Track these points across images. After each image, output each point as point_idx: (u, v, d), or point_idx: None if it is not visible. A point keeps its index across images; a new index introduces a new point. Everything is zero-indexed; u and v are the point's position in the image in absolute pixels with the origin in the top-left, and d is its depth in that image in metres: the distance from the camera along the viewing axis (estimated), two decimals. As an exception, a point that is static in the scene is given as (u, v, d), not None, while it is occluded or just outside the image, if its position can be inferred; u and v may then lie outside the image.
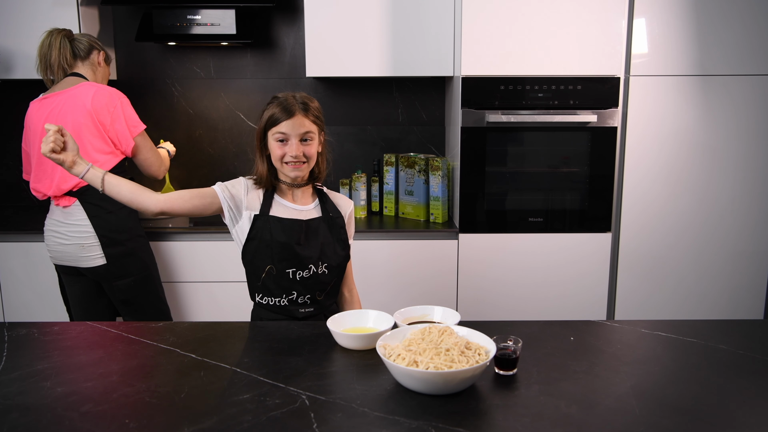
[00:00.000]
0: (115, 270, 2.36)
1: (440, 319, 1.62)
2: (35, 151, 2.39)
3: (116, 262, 2.35)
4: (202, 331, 1.61)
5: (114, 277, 2.36)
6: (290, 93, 1.73)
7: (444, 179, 2.81)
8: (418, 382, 1.23)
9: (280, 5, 3.10)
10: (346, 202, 1.86)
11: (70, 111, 2.29)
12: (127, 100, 2.38)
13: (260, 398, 1.25)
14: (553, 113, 2.57)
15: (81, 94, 2.30)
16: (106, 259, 2.34)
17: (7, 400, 1.25)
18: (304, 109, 1.68)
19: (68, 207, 2.33)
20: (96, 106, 2.28)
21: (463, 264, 2.67)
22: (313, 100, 1.75)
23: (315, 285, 1.76)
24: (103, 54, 2.48)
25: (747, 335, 1.57)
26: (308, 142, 1.70)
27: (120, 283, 2.37)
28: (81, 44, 2.42)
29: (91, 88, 2.31)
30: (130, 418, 1.18)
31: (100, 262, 2.34)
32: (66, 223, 2.34)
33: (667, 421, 1.17)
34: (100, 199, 2.30)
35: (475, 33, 2.54)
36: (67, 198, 2.33)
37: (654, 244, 2.70)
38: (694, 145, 2.63)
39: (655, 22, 2.55)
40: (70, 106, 2.29)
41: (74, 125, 2.27)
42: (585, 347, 1.51)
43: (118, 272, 2.36)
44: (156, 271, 2.51)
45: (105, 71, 2.52)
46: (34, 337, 1.56)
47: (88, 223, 2.31)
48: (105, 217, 2.32)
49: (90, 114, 2.28)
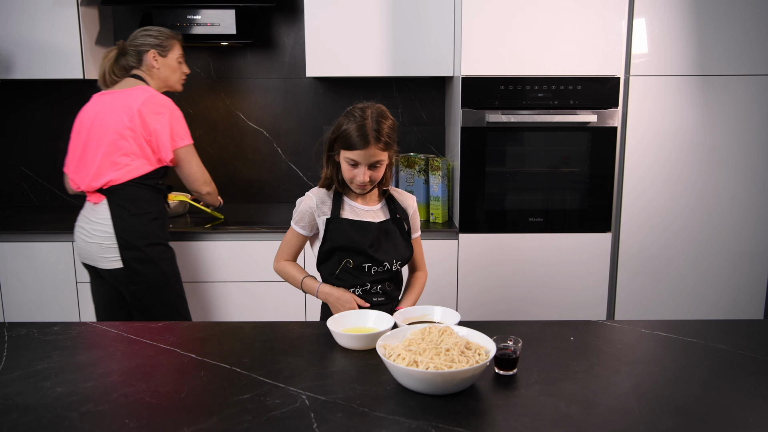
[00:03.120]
0: (131, 275, 2.28)
1: (440, 319, 1.62)
2: (81, 142, 2.31)
3: (132, 267, 2.28)
4: (202, 331, 1.61)
5: (129, 282, 2.29)
6: (368, 110, 1.71)
7: (444, 179, 2.81)
8: (418, 382, 1.23)
9: (280, 5, 3.10)
10: (409, 200, 1.93)
11: (116, 110, 2.24)
12: (179, 112, 2.31)
13: (260, 398, 1.25)
14: (553, 113, 2.57)
15: (132, 97, 2.25)
16: (123, 263, 2.27)
17: (7, 400, 1.25)
18: (377, 139, 1.69)
19: (97, 204, 2.29)
20: (142, 111, 2.22)
21: (463, 264, 2.67)
22: (387, 118, 1.73)
23: (387, 278, 1.86)
24: (154, 52, 2.35)
25: (747, 335, 1.57)
26: (377, 168, 1.75)
27: (134, 288, 2.29)
28: (130, 56, 2.37)
29: (144, 93, 2.26)
30: (130, 418, 1.18)
31: (117, 265, 2.28)
32: (91, 220, 2.29)
33: (667, 421, 1.17)
34: (126, 201, 2.26)
35: (475, 33, 2.54)
36: (97, 195, 2.29)
37: (654, 244, 2.70)
38: (694, 145, 2.63)
39: (655, 22, 2.55)
40: (118, 106, 2.25)
41: (117, 125, 2.23)
42: (585, 347, 1.51)
43: (134, 278, 2.28)
44: (176, 282, 2.40)
45: (165, 68, 2.40)
46: (34, 337, 1.56)
47: (110, 224, 2.26)
48: (127, 219, 2.26)
49: (134, 117, 2.22)
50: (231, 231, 2.71)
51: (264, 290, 2.73)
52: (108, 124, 2.25)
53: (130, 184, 2.26)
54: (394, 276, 1.88)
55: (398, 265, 1.85)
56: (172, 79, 2.44)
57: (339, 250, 1.81)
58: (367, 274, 1.83)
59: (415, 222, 1.93)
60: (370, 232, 1.80)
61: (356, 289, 1.84)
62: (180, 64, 2.45)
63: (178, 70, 2.45)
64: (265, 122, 3.22)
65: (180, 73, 2.46)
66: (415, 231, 1.93)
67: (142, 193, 2.28)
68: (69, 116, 3.20)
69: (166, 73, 2.41)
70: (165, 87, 2.44)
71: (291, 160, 3.24)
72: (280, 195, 3.27)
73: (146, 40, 2.36)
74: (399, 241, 1.86)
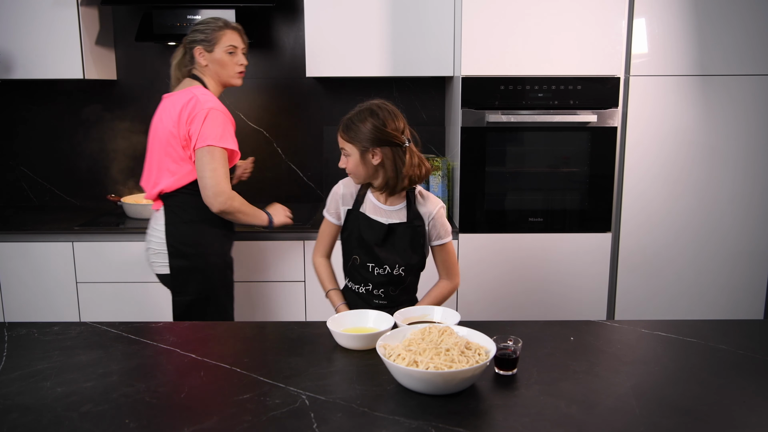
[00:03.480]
0: (177, 284, 2.20)
1: (440, 319, 1.62)
2: (148, 149, 2.25)
3: (178, 276, 2.19)
4: (202, 331, 1.61)
5: (174, 290, 2.22)
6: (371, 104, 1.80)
7: (444, 179, 2.81)
8: (418, 382, 1.23)
9: (280, 5, 3.10)
10: (431, 206, 1.87)
11: (167, 115, 2.16)
12: (219, 114, 2.11)
13: (260, 398, 1.25)
14: (553, 113, 2.57)
15: (179, 100, 2.14)
16: (170, 270, 2.20)
17: (7, 400, 1.25)
18: (342, 127, 1.80)
19: (157, 211, 2.24)
20: (182, 114, 2.10)
21: (463, 264, 2.67)
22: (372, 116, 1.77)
23: (389, 282, 1.86)
24: (200, 48, 2.19)
25: (747, 335, 1.57)
26: (347, 158, 1.81)
27: (178, 299, 2.21)
28: (187, 55, 2.24)
29: (188, 95, 2.13)
30: (130, 418, 1.18)
31: (165, 271, 2.22)
32: (152, 226, 2.26)
33: (667, 421, 1.17)
34: (179, 208, 2.18)
35: (475, 33, 2.54)
36: (158, 201, 2.24)
37: (654, 244, 2.70)
38: (694, 145, 2.63)
39: (655, 22, 2.55)
40: (169, 110, 2.16)
41: (165, 131, 2.15)
42: (585, 347, 1.51)
43: (179, 287, 2.20)
44: (225, 295, 2.26)
45: (213, 63, 2.21)
46: (34, 337, 1.56)
47: (164, 230, 2.20)
48: (179, 225, 2.17)
49: (176, 122, 2.12)
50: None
51: (264, 290, 2.74)
52: (159, 130, 2.18)
53: (183, 191, 2.17)
54: (397, 281, 1.85)
55: (401, 271, 1.83)
56: (224, 75, 2.24)
57: (351, 243, 1.85)
58: (371, 275, 1.85)
59: (437, 229, 1.86)
60: (377, 231, 1.82)
61: (360, 287, 1.86)
62: (231, 56, 2.22)
63: (228, 64, 2.22)
64: (265, 122, 3.22)
65: (232, 67, 2.23)
66: (438, 238, 1.87)
67: (196, 201, 2.15)
68: (69, 116, 3.22)
69: (216, 69, 2.22)
70: (221, 84, 2.27)
71: (291, 160, 3.24)
72: (280, 195, 3.27)
73: (194, 36, 2.21)
74: (406, 246, 1.83)
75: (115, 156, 3.23)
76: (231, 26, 2.23)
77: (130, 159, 3.23)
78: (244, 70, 2.28)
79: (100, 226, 2.72)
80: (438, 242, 1.88)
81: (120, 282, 2.72)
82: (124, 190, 3.22)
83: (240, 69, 2.26)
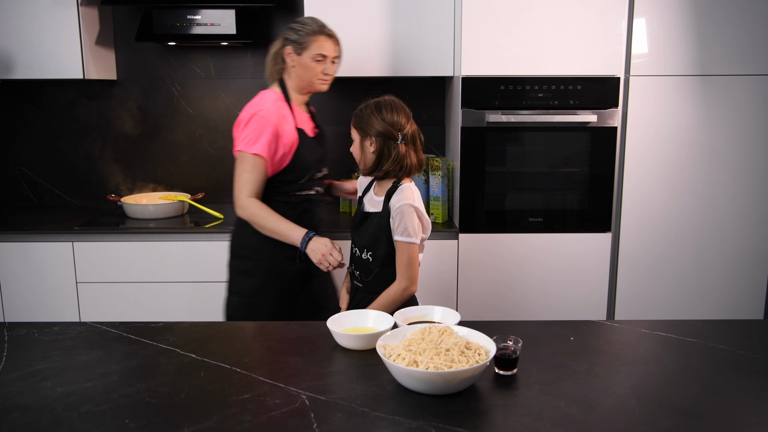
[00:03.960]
0: (230, 284, 2.20)
1: (440, 319, 1.62)
2: None
3: (232, 276, 2.20)
4: (202, 331, 1.61)
5: (228, 289, 2.22)
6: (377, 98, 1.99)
7: (444, 179, 2.81)
8: (418, 382, 1.23)
9: (280, 5, 3.10)
10: (396, 201, 1.90)
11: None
12: (262, 120, 2.05)
13: (260, 398, 1.25)
14: (553, 113, 2.57)
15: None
16: (228, 268, 2.22)
17: (7, 400, 1.25)
18: (353, 116, 1.97)
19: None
20: (239, 118, 2.10)
21: (463, 264, 2.67)
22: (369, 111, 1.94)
23: (360, 266, 1.99)
24: (290, 48, 2.12)
25: (747, 335, 1.57)
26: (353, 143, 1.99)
27: (228, 299, 2.21)
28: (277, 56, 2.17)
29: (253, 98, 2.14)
30: (130, 418, 1.18)
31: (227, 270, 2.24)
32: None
33: (667, 421, 1.17)
34: None
35: (475, 33, 2.54)
36: None
37: (654, 244, 2.70)
38: (694, 145, 2.63)
39: (655, 22, 2.55)
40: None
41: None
42: (585, 347, 1.51)
43: (231, 287, 2.20)
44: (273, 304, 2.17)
45: (299, 66, 2.13)
46: (34, 337, 1.56)
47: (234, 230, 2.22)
48: (244, 226, 2.13)
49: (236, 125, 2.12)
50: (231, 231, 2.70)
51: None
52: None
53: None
54: (365, 267, 1.97)
55: (369, 256, 1.95)
56: (306, 78, 2.15)
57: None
58: (353, 255, 2.03)
59: (395, 223, 1.88)
60: (357, 216, 2.03)
61: (351, 266, 2.05)
62: (318, 63, 2.12)
63: (312, 70, 2.13)
64: (265, 122, 3.22)
65: (316, 73, 2.14)
66: (395, 233, 1.89)
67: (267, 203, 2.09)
68: (69, 116, 3.22)
69: (300, 73, 2.14)
70: (301, 88, 2.18)
71: (291, 160, 3.24)
72: (280, 195, 3.27)
73: (287, 35, 2.14)
74: (373, 234, 1.93)
75: (115, 156, 3.23)
76: (325, 32, 2.14)
77: (130, 159, 3.23)
78: (330, 78, 2.19)
79: (100, 226, 2.72)
80: (395, 237, 1.89)
81: (120, 282, 2.72)
82: (124, 190, 3.22)
83: (324, 77, 2.17)
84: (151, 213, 2.85)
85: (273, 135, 2.06)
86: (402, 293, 1.91)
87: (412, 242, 1.88)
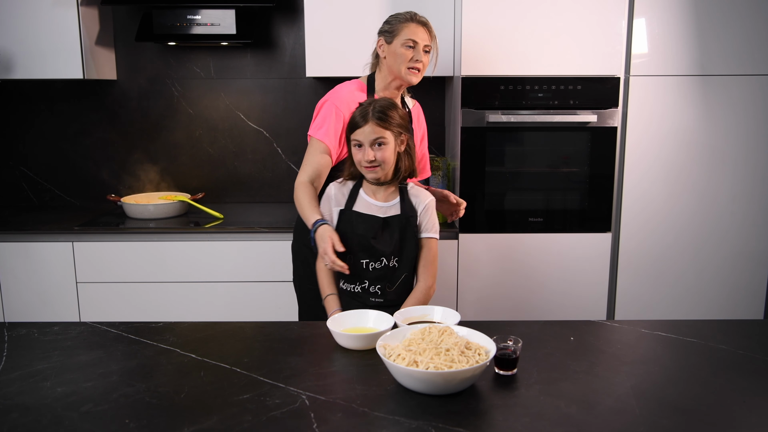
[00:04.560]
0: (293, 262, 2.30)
1: (440, 319, 1.62)
2: None
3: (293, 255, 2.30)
4: (202, 331, 1.61)
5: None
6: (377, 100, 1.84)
7: (444, 179, 2.81)
8: (418, 382, 1.23)
9: (280, 5, 3.10)
10: (423, 197, 1.91)
11: None
12: (331, 106, 2.06)
13: (260, 398, 1.25)
14: (553, 113, 2.57)
15: None
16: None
17: (7, 400, 1.25)
18: (375, 116, 1.79)
19: None
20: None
21: (463, 264, 2.67)
22: (393, 106, 1.83)
23: (385, 276, 1.87)
24: (381, 39, 2.10)
25: (747, 335, 1.57)
26: (381, 147, 1.81)
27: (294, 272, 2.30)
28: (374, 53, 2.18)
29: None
30: (130, 418, 1.18)
31: None
32: None
33: (667, 421, 1.17)
34: None
35: (475, 33, 2.54)
36: None
37: (654, 244, 2.70)
38: (694, 145, 2.63)
39: (655, 22, 2.55)
40: None
41: None
42: (585, 347, 1.51)
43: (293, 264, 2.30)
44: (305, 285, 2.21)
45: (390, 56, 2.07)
46: (34, 337, 1.56)
47: None
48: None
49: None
50: (231, 231, 2.71)
51: (264, 290, 2.74)
52: None
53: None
54: (392, 274, 1.87)
55: (395, 262, 1.86)
56: (395, 67, 2.06)
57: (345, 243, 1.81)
58: (366, 271, 1.86)
59: (426, 220, 1.89)
60: (372, 225, 1.85)
61: (356, 286, 1.87)
62: (408, 50, 2.04)
63: (402, 56, 2.04)
64: (265, 122, 3.22)
65: (405, 60, 2.04)
66: (425, 230, 1.89)
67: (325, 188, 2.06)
68: (69, 116, 3.22)
69: (390, 63, 2.08)
70: (392, 79, 2.11)
71: (291, 160, 3.24)
72: (280, 195, 3.27)
73: (381, 28, 2.11)
74: (400, 236, 1.86)
75: (115, 156, 3.23)
76: (417, 20, 2.07)
77: (130, 159, 3.23)
78: (420, 67, 2.07)
79: (100, 226, 2.72)
80: (424, 235, 1.89)
81: (120, 282, 2.72)
82: (124, 190, 3.22)
83: (412, 65, 2.05)
84: (151, 213, 2.86)
85: (339, 122, 2.04)
86: (428, 291, 1.90)
87: (438, 238, 1.92)
